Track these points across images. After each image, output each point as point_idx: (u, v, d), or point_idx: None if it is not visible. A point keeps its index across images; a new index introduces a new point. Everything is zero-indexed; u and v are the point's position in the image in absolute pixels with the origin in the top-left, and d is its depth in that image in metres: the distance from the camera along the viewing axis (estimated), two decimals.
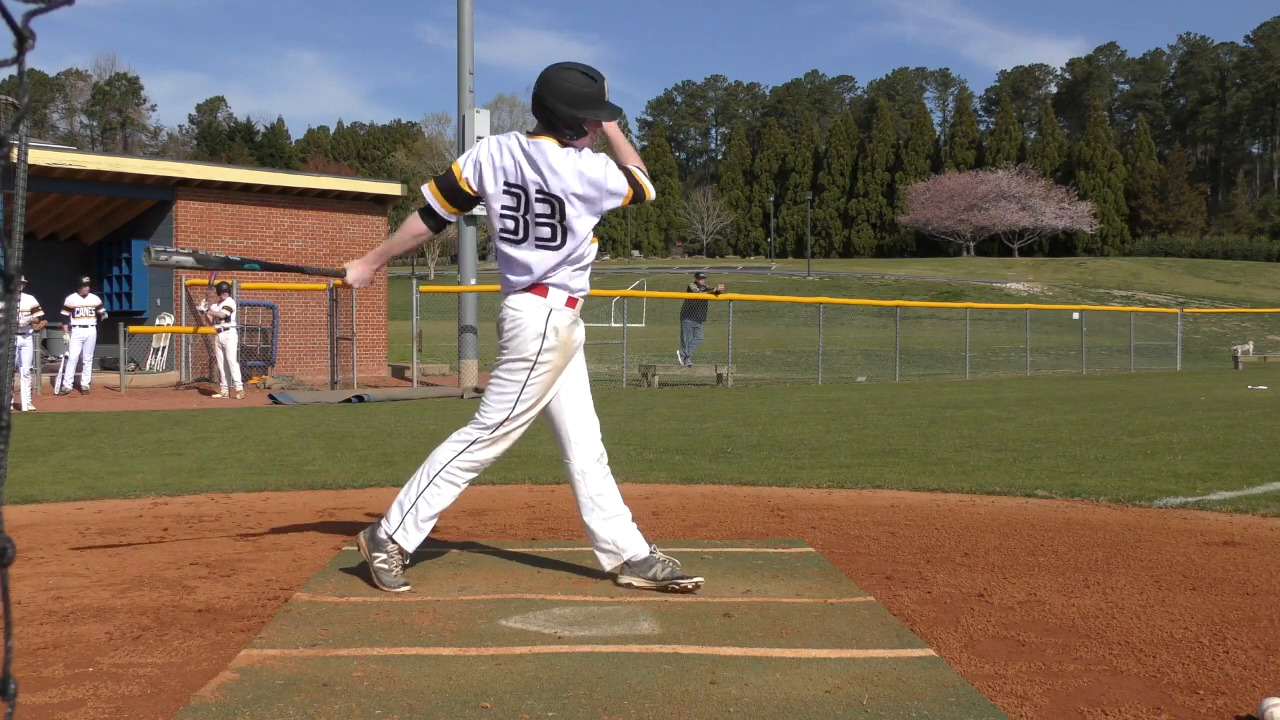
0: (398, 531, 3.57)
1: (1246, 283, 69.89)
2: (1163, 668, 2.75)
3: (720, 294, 20.27)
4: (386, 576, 3.56)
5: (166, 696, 2.54)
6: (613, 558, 3.63)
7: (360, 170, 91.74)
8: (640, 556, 3.61)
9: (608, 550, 3.63)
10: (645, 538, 3.69)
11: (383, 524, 3.61)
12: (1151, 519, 5.03)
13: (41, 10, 0.66)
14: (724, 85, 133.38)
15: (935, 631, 3.09)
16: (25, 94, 0.67)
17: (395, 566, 3.57)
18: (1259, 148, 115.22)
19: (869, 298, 51.40)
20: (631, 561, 3.61)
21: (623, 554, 3.61)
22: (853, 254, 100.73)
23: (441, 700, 2.49)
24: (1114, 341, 29.24)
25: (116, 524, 4.96)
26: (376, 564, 3.57)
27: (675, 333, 22.09)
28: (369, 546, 3.60)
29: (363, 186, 21.31)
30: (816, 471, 6.73)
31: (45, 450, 8.26)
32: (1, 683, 0.68)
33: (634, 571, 3.61)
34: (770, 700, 2.49)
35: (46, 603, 3.44)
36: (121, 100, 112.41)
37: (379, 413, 12.52)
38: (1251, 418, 10.92)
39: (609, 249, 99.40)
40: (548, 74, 3.51)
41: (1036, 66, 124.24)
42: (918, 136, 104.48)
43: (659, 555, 3.63)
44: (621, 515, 3.65)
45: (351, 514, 5.21)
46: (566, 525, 4.92)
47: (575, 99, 3.45)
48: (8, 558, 0.68)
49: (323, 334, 19.63)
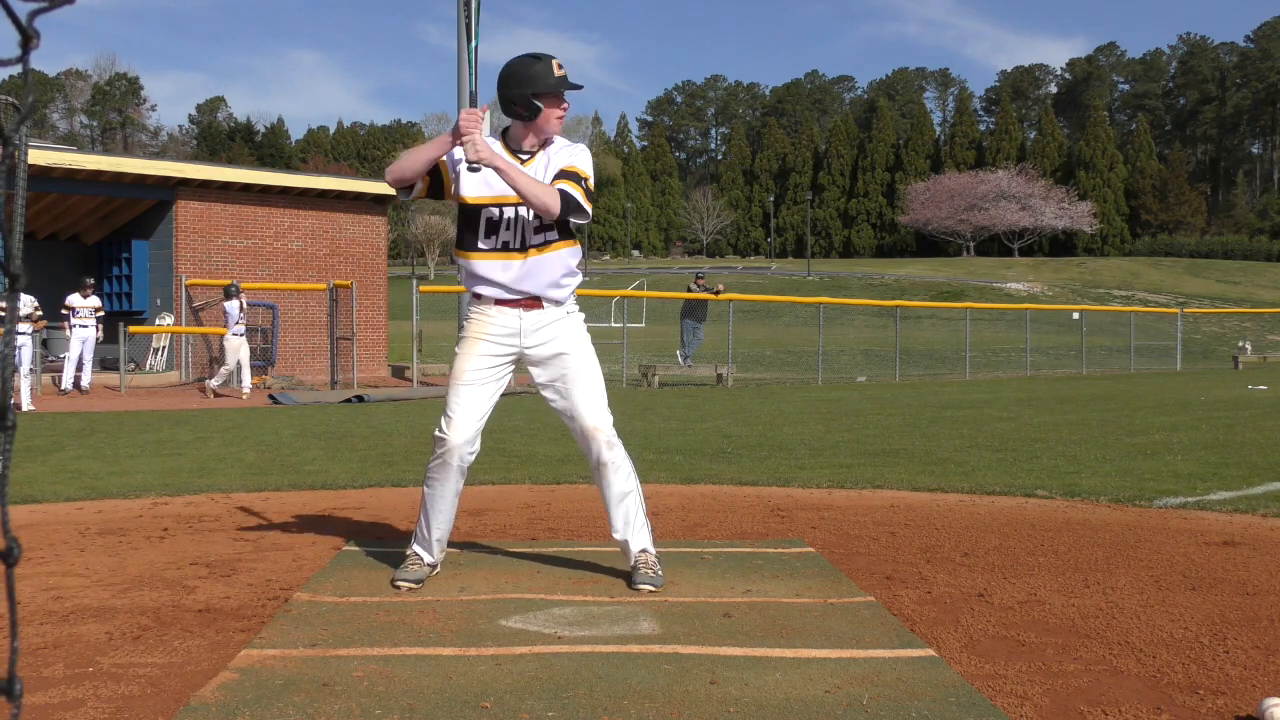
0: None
1: (1246, 283, 69.86)
2: (1163, 668, 2.75)
3: (720, 294, 20.27)
4: (407, 577, 3.64)
5: (166, 696, 2.54)
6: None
7: (360, 170, 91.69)
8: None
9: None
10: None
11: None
12: (1151, 519, 5.03)
13: (45, 9, 0.66)
14: (724, 85, 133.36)
15: (935, 631, 3.09)
16: (30, 94, 0.67)
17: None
18: (1259, 148, 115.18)
19: (869, 298, 51.39)
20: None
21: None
22: (853, 254, 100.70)
23: (441, 700, 2.49)
24: (1114, 341, 29.23)
25: (116, 524, 4.96)
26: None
27: (675, 333, 22.10)
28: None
29: (363, 186, 21.30)
30: (816, 471, 6.73)
31: (45, 450, 8.25)
32: (7, 683, 0.68)
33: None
34: (770, 700, 2.49)
35: (46, 603, 3.44)
36: (121, 100, 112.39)
37: (379, 413, 12.52)
38: (1251, 418, 10.92)
39: (609, 249, 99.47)
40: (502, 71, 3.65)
41: (1036, 66, 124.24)
42: (918, 136, 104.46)
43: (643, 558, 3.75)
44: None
45: (351, 514, 5.21)
46: (566, 525, 4.92)
47: (521, 79, 3.56)
48: (14, 557, 0.68)
49: (323, 334, 19.63)
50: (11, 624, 0.71)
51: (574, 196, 3.55)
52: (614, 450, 3.65)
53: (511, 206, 3.59)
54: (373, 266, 20.88)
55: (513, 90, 3.57)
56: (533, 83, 3.56)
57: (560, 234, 3.65)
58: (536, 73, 3.57)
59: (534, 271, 3.63)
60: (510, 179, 3.48)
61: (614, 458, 3.65)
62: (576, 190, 3.56)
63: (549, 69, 3.58)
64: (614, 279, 54.18)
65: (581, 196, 3.57)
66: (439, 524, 3.69)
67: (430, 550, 3.70)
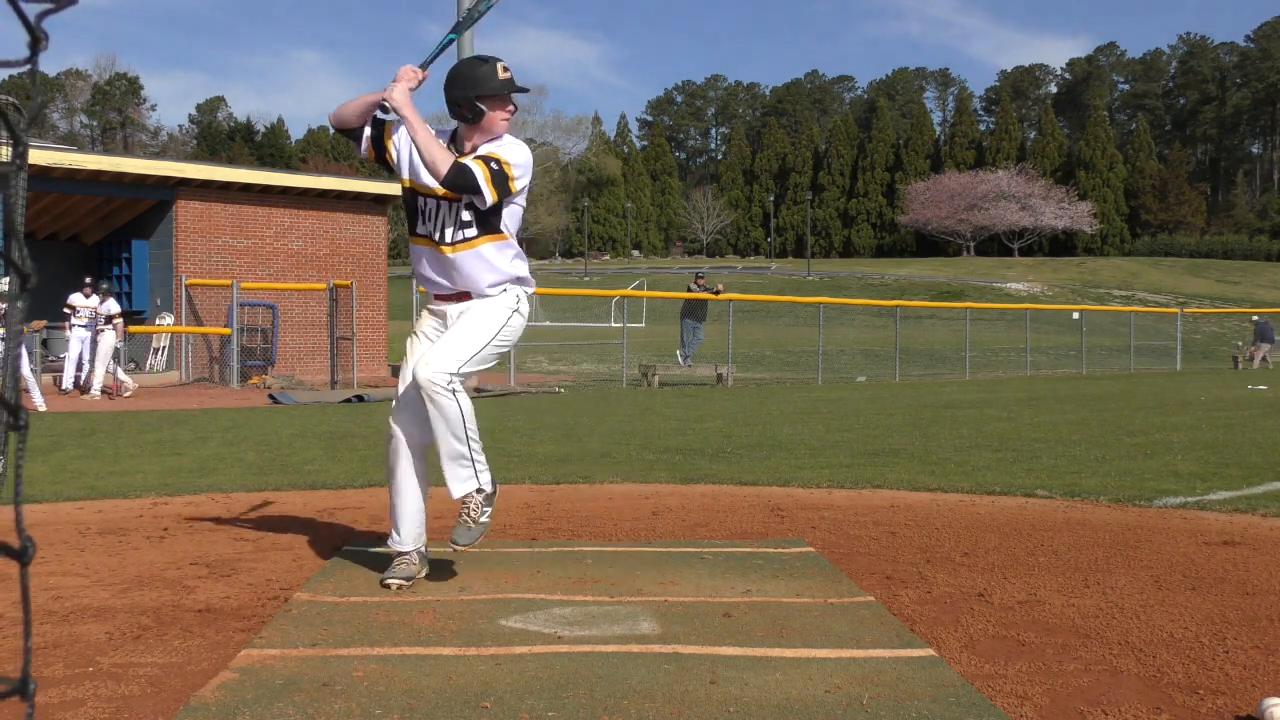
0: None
1: (1246, 283, 69.85)
2: (1163, 668, 2.75)
3: (720, 294, 20.27)
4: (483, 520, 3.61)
5: (166, 696, 2.54)
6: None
7: (360, 170, 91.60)
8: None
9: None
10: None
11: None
12: (1151, 519, 5.03)
13: (53, 10, 0.66)
14: (724, 85, 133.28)
15: (935, 631, 3.09)
16: (39, 94, 0.67)
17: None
18: (1259, 148, 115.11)
19: (869, 298, 51.37)
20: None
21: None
22: (853, 254, 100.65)
23: (441, 700, 2.49)
24: (1114, 341, 29.22)
25: (116, 524, 4.97)
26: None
27: (675, 332, 22.09)
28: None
29: (363, 186, 21.31)
30: (816, 471, 6.73)
31: (45, 450, 8.25)
32: (20, 683, 0.68)
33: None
34: (770, 700, 2.49)
35: (46, 603, 3.44)
36: (121, 100, 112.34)
37: (379, 413, 12.50)
38: (1251, 418, 10.92)
39: (609, 249, 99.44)
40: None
41: (1036, 66, 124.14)
42: (918, 136, 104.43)
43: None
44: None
45: (351, 514, 5.21)
46: (567, 525, 4.92)
47: (465, 81, 3.58)
48: (28, 556, 0.68)
49: (323, 334, 19.62)
50: (25, 623, 0.71)
51: (472, 171, 3.48)
52: (434, 398, 3.53)
53: (433, 199, 3.60)
54: (373, 266, 20.89)
55: (456, 92, 3.59)
56: (476, 85, 3.57)
57: (480, 229, 3.60)
58: (481, 75, 3.58)
59: (459, 266, 3.62)
60: (412, 131, 3.51)
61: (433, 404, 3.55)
62: (479, 168, 3.49)
63: (493, 71, 3.59)
64: (614, 279, 54.18)
65: (483, 177, 3.48)
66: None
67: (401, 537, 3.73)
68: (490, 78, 3.58)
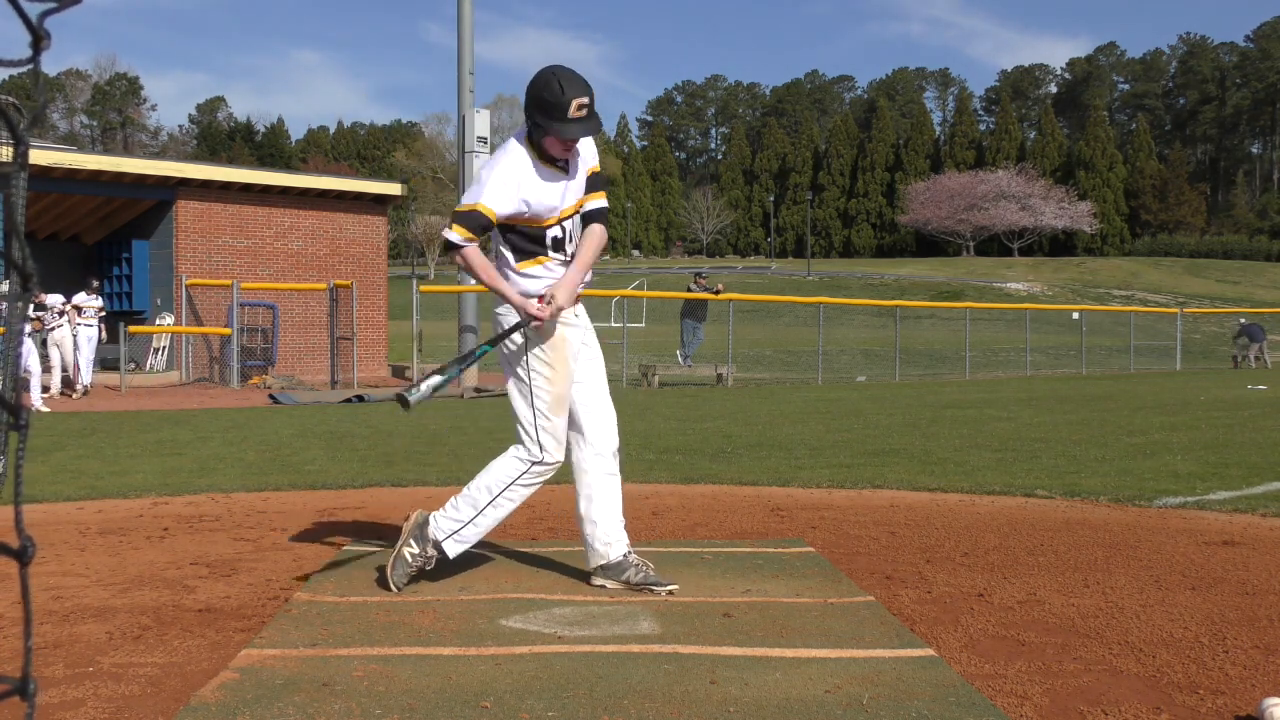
0: (447, 541, 3.58)
1: (1246, 283, 69.87)
2: (1163, 668, 2.75)
3: (720, 293, 20.26)
4: (402, 572, 3.54)
5: (166, 696, 2.54)
6: (597, 555, 3.64)
7: (360, 170, 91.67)
8: (614, 560, 3.61)
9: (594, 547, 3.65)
10: (626, 540, 3.68)
11: (433, 523, 3.58)
12: (1151, 519, 5.03)
13: (55, 10, 0.66)
14: (724, 85, 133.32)
15: (935, 631, 3.09)
16: (42, 94, 0.68)
17: (416, 568, 3.57)
18: (1259, 148, 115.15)
19: (869, 298, 51.37)
20: (606, 565, 3.62)
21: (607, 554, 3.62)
22: (853, 254, 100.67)
23: (441, 700, 2.49)
24: (1114, 341, 29.21)
25: (116, 524, 4.97)
26: (405, 552, 3.55)
27: (675, 332, 22.08)
28: (413, 534, 3.56)
29: (363, 186, 21.32)
30: (816, 471, 6.73)
31: (45, 450, 8.25)
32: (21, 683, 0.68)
33: (607, 574, 3.62)
34: (770, 700, 2.49)
35: (46, 603, 3.44)
36: (121, 100, 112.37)
37: (379, 413, 12.52)
38: (1251, 418, 10.92)
39: (609, 249, 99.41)
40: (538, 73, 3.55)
41: (1036, 66, 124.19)
42: (917, 136, 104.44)
43: (633, 559, 3.62)
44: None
45: (351, 514, 5.21)
46: (567, 525, 4.92)
47: (536, 103, 3.45)
48: (28, 556, 0.69)
49: (323, 334, 19.63)
50: (26, 623, 0.71)
51: (599, 209, 3.69)
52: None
53: (569, 219, 3.64)
54: (373, 266, 20.89)
55: (529, 106, 3.48)
56: (545, 113, 3.42)
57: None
58: (553, 107, 3.40)
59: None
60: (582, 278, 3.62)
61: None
62: (597, 201, 3.70)
63: (566, 109, 3.39)
64: (614, 279, 54.17)
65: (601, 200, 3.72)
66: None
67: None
68: (560, 115, 3.40)
